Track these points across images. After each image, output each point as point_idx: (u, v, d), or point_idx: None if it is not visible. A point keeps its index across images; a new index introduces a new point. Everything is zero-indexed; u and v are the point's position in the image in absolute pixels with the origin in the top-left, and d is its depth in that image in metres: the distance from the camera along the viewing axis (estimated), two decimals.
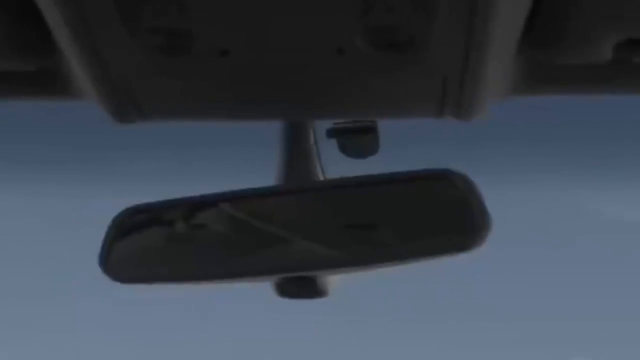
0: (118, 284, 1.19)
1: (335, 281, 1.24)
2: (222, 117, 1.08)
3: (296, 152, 1.20)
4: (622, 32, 0.89)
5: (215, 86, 0.94)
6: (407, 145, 1.36)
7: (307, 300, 1.22)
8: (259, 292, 1.26)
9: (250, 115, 1.06)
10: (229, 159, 2.47)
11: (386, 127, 1.23)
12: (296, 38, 0.85)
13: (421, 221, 1.10)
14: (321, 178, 1.21)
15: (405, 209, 1.11)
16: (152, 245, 1.19)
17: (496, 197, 1.13)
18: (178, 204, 1.19)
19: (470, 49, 0.86)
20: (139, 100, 0.96)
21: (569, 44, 0.92)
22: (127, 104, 0.96)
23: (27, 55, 0.95)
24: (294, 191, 1.17)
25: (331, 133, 1.22)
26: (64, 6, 0.80)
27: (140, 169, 2.47)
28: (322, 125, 1.24)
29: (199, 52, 0.86)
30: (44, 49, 0.92)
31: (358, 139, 1.22)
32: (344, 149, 1.24)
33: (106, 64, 0.89)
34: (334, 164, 1.24)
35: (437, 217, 1.10)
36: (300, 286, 1.16)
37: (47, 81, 0.99)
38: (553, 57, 0.95)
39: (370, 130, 1.21)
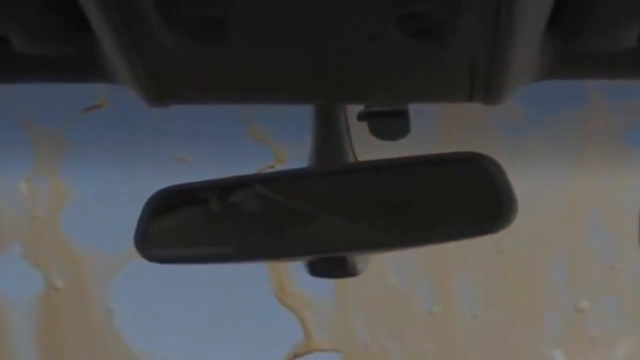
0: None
1: (366, 261, 1.26)
2: (254, 100, 1.09)
3: (328, 134, 1.20)
4: None
5: (248, 70, 0.96)
6: None
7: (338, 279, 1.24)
8: None
9: (282, 98, 1.07)
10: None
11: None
12: (329, 25, 0.86)
13: (449, 202, 1.11)
14: (352, 160, 1.22)
15: (434, 190, 1.12)
16: (187, 226, 1.20)
17: None
18: (212, 185, 1.20)
19: (497, 37, 0.87)
20: (172, 85, 0.98)
21: (593, 33, 0.94)
22: (161, 89, 0.99)
23: (64, 41, 0.97)
24: (326, 173, 1.17)
25: (362, 116, 1.22)
26: None
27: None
28: (354, 109, 1.24)
29: (232, 39, 0.87)
30: (81, 35, 0.94)
31: (389, 122, 1.23)
32: (375, 132, 1.24)
33: (141, 51, 0.90)
34: (364, 146, 1.25)
35: (464, 199, 1.11)
36: (332, 266, 1.18)
37: (84, 65, 1.01)
38: (577, 45, 0.97)
39: (401, 114, 1.22)
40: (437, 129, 2.46)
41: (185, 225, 1.21)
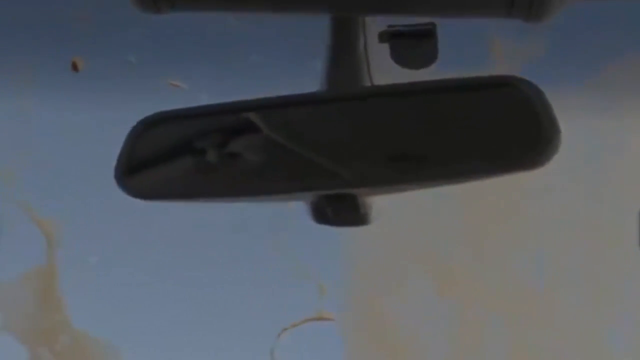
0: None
1: (378, 210, 1.11)
2: (261, 6, 0.97)
3: (343, 54, 1.06)
4: None
5: None
6: None
7: (346, 226, 1.09)
8: None
9: (292, 6, 0.94)
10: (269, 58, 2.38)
11: None
12: None
13: (481, 134, 0.97)
14: (370, 85, 1.08)
15: (464, 119, 0.98)
16: (175, 157, 1.07)
17: None
18: (205, 112, 1.06)
19: None
20: None
21: None
22: None
23: None
24: (338, 98, 1.03)
25: (384, 37, 1.07)
26: None
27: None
28: (374, 29, 1.09)
29: None
30: None
31: (414, 45, 1.08)
32: (398, 57, 1.09)
33: None
34: (385, 74, 1.09)
35: (499, 130, 0.97)
36: (340, 205, 1.03)
37: None
38: None
39: (428, 35, 1.06)
40: None
41: (173, 156, 1.07)
